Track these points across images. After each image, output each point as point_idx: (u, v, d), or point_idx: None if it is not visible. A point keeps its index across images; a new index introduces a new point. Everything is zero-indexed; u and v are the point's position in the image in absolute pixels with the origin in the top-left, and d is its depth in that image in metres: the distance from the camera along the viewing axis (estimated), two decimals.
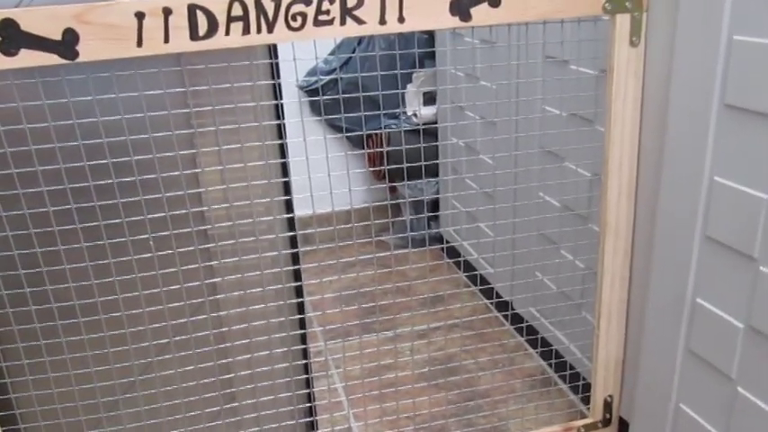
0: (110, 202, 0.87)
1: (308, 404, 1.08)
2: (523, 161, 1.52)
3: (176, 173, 0.89)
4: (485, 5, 0.77)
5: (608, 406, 0.95)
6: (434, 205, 2.19)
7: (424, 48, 2.04)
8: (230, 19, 0.73)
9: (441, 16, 0.76)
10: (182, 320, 0.94)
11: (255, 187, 0.93)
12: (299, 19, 0.74)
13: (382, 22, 0.75)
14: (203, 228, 0.94)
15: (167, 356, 0.95)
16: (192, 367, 0.97)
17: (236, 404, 1.03)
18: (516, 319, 1.70)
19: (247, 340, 0.99)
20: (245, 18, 0.73)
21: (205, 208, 0.93)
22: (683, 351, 1.07)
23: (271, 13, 0.73)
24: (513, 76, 1.50)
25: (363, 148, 2.21)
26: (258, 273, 0.96)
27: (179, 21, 0.73)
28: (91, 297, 0.90)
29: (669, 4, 0.98)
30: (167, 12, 0.71)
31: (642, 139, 1.09)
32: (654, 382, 1.14)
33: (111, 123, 0.86)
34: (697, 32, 0.93)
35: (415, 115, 2.06)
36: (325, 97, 2.08)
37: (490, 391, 1.49)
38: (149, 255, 0.90)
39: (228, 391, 1.02)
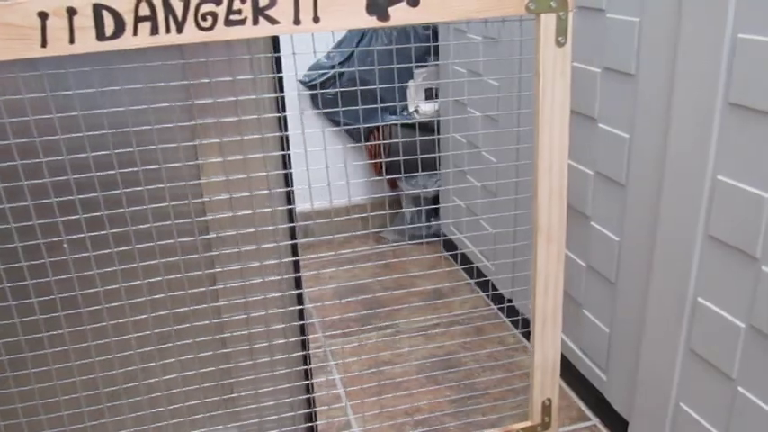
0: (111, 192, 0.87)
1: (307, 396, 1.08)
2: (525, 157, 1.52)
3: (177, 164, 0.89)
4: (403, 5, 0.75)
5: (546, 409, 0.95)
6: (434, 200, 2.19)
7: (425, 43, 2.03)
8: (138, 19, 0.71)
9: (357, 16, 0.74)
10: (183, 309, 0.94)
11: (256, 180, 0.93)
12: (210, 19, 0.72)
13: (296, 21, 0.73)
14: (203, 218, 0.93)
15: (168, 345, 0.95)
16: (191, 356, 0.97)
17: (235, 395, 1.03)
18: (515, 315, 1.70)
19: (246, 332, 0.99)
20: (152, 18, 0.71)
21: (206, 199, 0.92)
22: (683, 350, 1.07)
23: (180, 13, 0.72)
24: (515, 71, 1.49)
25: (366, 144, 2.20)
26: (257, 264, 0.96)
27: (84, 21, 0.71)
28: (93, 287, 0.89)
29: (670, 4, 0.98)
30: (72, 12, 0.69)
31: (641, 138, 1.09)
32: (654, 381, 1.14)
33: (113, 116, 0.86)
34: (701, 30, 0.93)
35: (416, 111, 2.06)
36: (325, 91, 2.07)
37: (489, 389, 1.49)
38: (151, 244, 0.90)
39: (227, 381, 1.02)
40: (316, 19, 0.74)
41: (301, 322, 1.04)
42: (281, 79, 0.94)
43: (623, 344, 1.24)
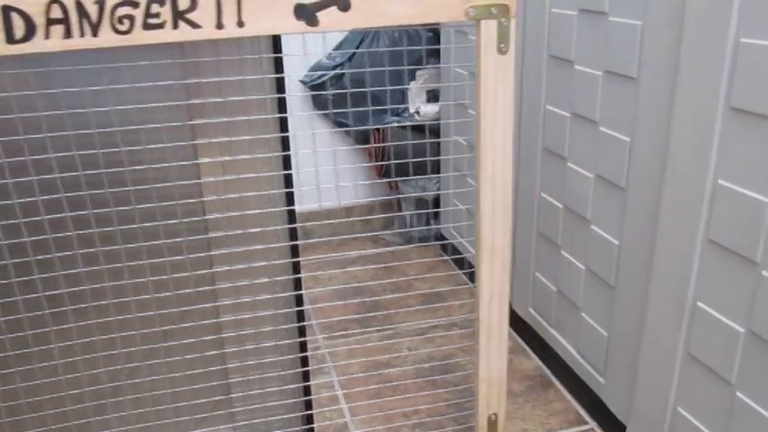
0: (112, 190, 0.86)
1: (305, 398, 1.08)
2: (526, 161, 1.52)
3: (176, 163, 0.89)
4: (333, 9, 0.73)
5: (492, 424, 0.94)
6: (435, 203, 2.19)
7: (428, 45, 2.03)
8: (49, 22, 0.68)
9: (284, 21, 0.72)
10: (181, 309, 0.94)
11: (255, 180, 0.93)
12: (127, 22, 0.69)
13: (219, 26, 0.71)
14: (203, 218, 0.93)
15: (165, 344, 0.95)
16: (189, 356, 0.97)
17: (233, 395, 1.03)
18: (515, 320, 1.69)
19: (245, 332, 0.98)
20: (65, 21, 0.68)
21: (205, 198, 0.92)
22: (682, 354, 1.06)
23: (94, 16, 0.69)
24: (518, 74, 1.49)
25: (365, 145, 2.20)
26: (256, 265, 0.95)
27: None
28: (94, 284, 0.89)
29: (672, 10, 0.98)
30: None
31: (642, 142, 1.09)
32: (652, 386, 1.14)
33: (113, 113, 0.86)
34: (704, 35, 0.93)
35: (417, 112, 2.06)
36: (324, 92, 2.07)
37: None
38: (151, 243, 0.90)
39: (225, 381, 1.02)
40: (240, 23, 0.71)
41: (300, 324, 1.03)
42: (281, 80, 0.94)
43: (622, 348, 1.23)
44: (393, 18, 0.75)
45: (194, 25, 0.71)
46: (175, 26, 0.71)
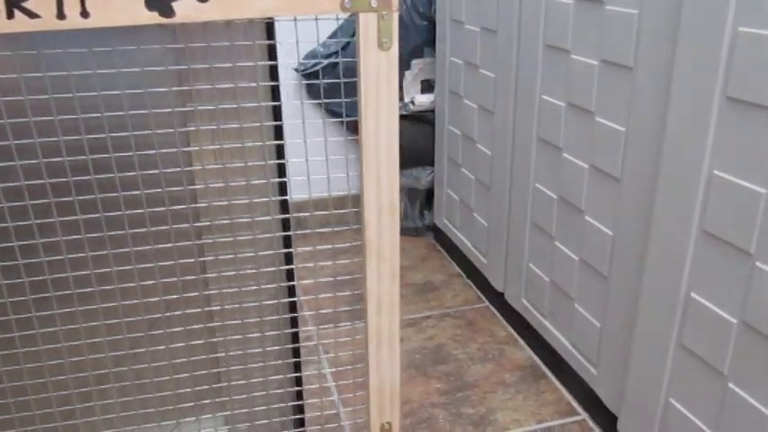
0: (103, 176, 0.85)
1: (297, 388, 1.07)
2: (520, 151, 1.51)
3: (169, 150, 0.88)
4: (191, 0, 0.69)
5: None
6: (428, 193, 2.18)
7: (424, 35, 2.02)
8: None
9: (135, 11, 0.68)
10: (171, 297, 0.93)
11: (248, 169, 0.92)
12: None
13: (60, 16, 0.66)
14: (195, 205, 0.92)
15: (158, 332, 0.94)
16: (180, 344, 0.96)
17: (224, 384, 1.02)
18: (508, 310, 1.69)
19: (236, 322, 0.98)
20: None
21: (196, 186, 0.91)
22: (674, 345, 1.06)
23: None
24: (513, 64, 1.48)
25: (358, 134, 2.19)
26: (249, 254, 0.94)
27: None
28: (83, 270, 0.88)
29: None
30: None
31: (637, 132, 1.09)
32: (644, 377, 1.14)
33: (106, 99, 0.84)
34: (701, 23, 0.92)
35: (412, 102, 2.05)
36: (316, 81, 2.06)
37: (479, 382, 1.49)
38: (144, 230, 0.89)
39: (215, 370, 1.01)
40: (84, 13, 0.67)
41: (292, 315, 1.03)
42: (275, 68, 0.92)
43: (614, 338, 1.23)
44: (259, 9, 0.71)
45: (32, 15, 0.66)
46: (10, 15, 0.66)
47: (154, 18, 0.68)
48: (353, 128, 2.16)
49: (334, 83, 2.04)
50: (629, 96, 1.11)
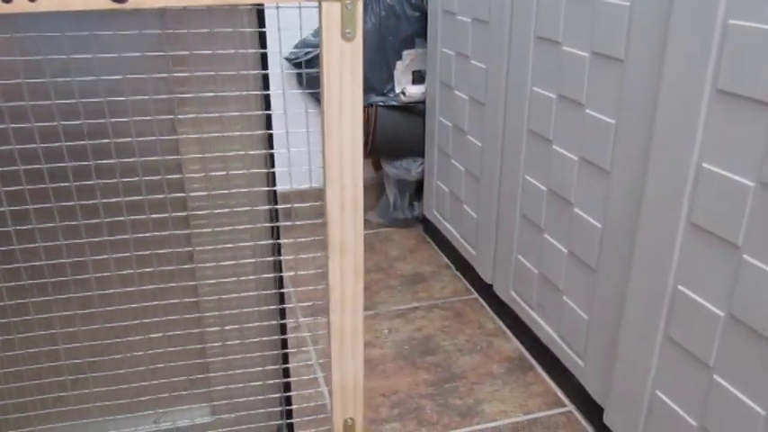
0: (84, 163, 0.84)
1: (284, 380, 1.07)
2: (511, 143, 1.51)
3: (154, 137, 0.87)
4: None
5: (350, 429, 0.92)
6: (418, 184, 2.18)
7: (415, 26, 2.01)
8: None
9: None
10: (159, 286, 0.92)
11: (237, 159, 0.91)
12: None
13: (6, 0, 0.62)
14: (181, 194, 0.91)
15: (145, 321, 0.94)
16: (168, 333, 0.95)
17: (211, 375, 1.02)
18: (496, 302, 1.69)
19: (224, 312, 0.97)
20: None
21: (184, 175, 0.90)
22: (661, 338, 1.06)
23: None
24: (505, 55, 1.48)
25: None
26: (237, 245, 0.94)
27: None
28: (75, 257, 0.87)
29: None
30: None
31: (627, 124, 1.09)
32: (631, 369, 1.14)
33: (87, 85, 0.83)
34: (692, 16, 0.92)
35: (403, 93, 2.04)
36: (309, 70, 2.04)
37: (467, 373, 1.49)
38: (144, 216, 0.88)
39: (202, 361, 1.01)
40: None
41: (281, 306, 1.02)
42: (264, 56, 0.91)
43: (602, 331, 1.24)
44: None
45: None
46: None
47: (105, 3, 0.65)
48: None
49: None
50: (619, 89, 1.11)
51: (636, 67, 1.06)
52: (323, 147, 0.77)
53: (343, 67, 0.73)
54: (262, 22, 0.89)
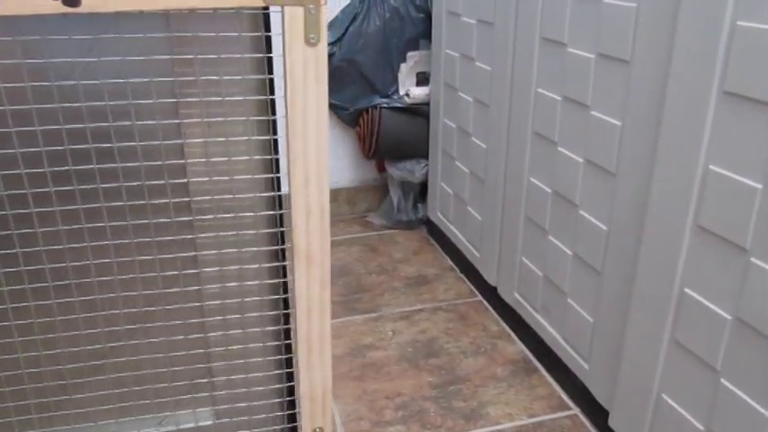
0: (86, 167, 0.84)
1: (288, 384, 1.06)
2: (515, 144, 1.50)
3: (158, 142, 0.87)
4: None
5: None
6: (422, 186, 2.18)
7: (420, 27, 2.01)
8: None
9: (36, 1, 0.65)
10: (168, 290, 0.92)
11: (240, 162, 0.90)
12: None
13: None
14: (186, 199, 0.91)
15: (148, 326, 0.93)
16: (173, 338, 0.95)
17: (215, 379, 1.01)
18: (500, 304, 1.69)
19: (228, 316, 0.97)
20: None
21: (189, 179, 0.90)
22: (667, 341, 1.06)
23: None
24: (509, 57, 1.47)
25: (354, 127, 2.18)
26: (242, 250, 0.93)
27: None
28: (77, 261, 0.87)
29: None
30: None
31: (633, 126, 1.08)
32: (637, 372, 1.13)
33: (90, 87, 0.83)
34: (700, 17, 0.91)
35: (407, 95, 2.04)
36: None
37: (471, 375, 1.48)
38: (141, 222, 0.88)
39: (207, 366, 1.00)
40: None
41: (285, 311, 1.02)
42: (270, 58, 0.91)
43: (607, 333, 1.23)
44: (170, 0, 0.67)
45: None
46: None
47: (57, 7, 0.64)
48: (347, 120, 2.15)
49: (329, 74, 2.03)
50: (625, 90, 1.10)
51: (642, 69, 1.05)
52: (287, 154, 0.75)
53: (308, 73, 0.72)
54: (267, 26, 0.89)
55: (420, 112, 2.05)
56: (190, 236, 0.92)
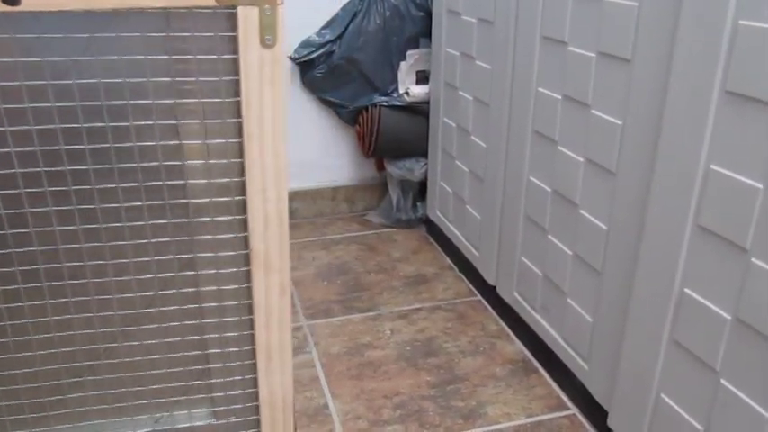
0: (83, 167, 0.84)
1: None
2: (515, 143, 1.50)
3: (154, 143, 0.86)
4: None
5: None
6: (421, 185, 2.17)
7: (420, 26, 2.00)
8: None
9: None
10: (159, 292, 0.92)
11: (235, 164, 0.90)
12: None
13: None
14: (183, 201, 0.90)
15: (144, 327, 0.93)
16: (167, 340, 0.94)
17: (210, 376, 1.01)
18: (499, 304, 1.68)
19: (222, 311, 0.96)
20: None
21: (188, 181, 0.89)
22: (667, 341, 1.05)
23: None
24: (510, 56, 1.47)
25: (354, 125, 2.17)
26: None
27: None
28: (73, 262, 0.87)
29: None
30: None
31: (634, 125, 1.08)
32: (636, 372, 1.13)
33: (88, 84, 0.82)
34: (701, 16, 0.91)
35: (407, 93, 2.03)
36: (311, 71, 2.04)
37: (470, 375, 1.48)
38: (141, 223, 0.87)
39: (203, 367, 1.00)
40: None
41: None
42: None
43: (606, 333, 1.23)
44: (121, 1, 0.65)
45: None
46: None
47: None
48: (347, 118, 2.14)
49: (329, 72, 2.02)
50: (626, 89, 1.10)
51: (643, 68, 1.05)
52: (243, 159, 0.73)
53: (263, 76, 0.70)
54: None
55: (420, 110, 2.05)
56: (186, 237, 0.92)
